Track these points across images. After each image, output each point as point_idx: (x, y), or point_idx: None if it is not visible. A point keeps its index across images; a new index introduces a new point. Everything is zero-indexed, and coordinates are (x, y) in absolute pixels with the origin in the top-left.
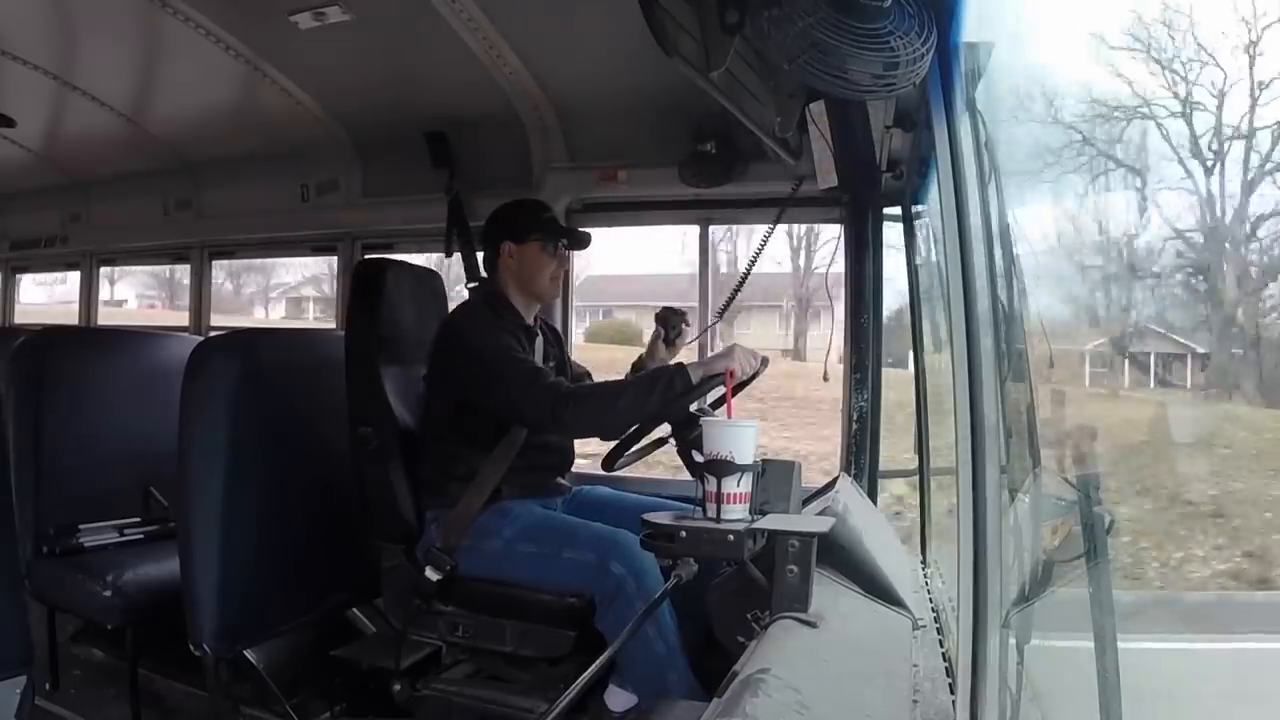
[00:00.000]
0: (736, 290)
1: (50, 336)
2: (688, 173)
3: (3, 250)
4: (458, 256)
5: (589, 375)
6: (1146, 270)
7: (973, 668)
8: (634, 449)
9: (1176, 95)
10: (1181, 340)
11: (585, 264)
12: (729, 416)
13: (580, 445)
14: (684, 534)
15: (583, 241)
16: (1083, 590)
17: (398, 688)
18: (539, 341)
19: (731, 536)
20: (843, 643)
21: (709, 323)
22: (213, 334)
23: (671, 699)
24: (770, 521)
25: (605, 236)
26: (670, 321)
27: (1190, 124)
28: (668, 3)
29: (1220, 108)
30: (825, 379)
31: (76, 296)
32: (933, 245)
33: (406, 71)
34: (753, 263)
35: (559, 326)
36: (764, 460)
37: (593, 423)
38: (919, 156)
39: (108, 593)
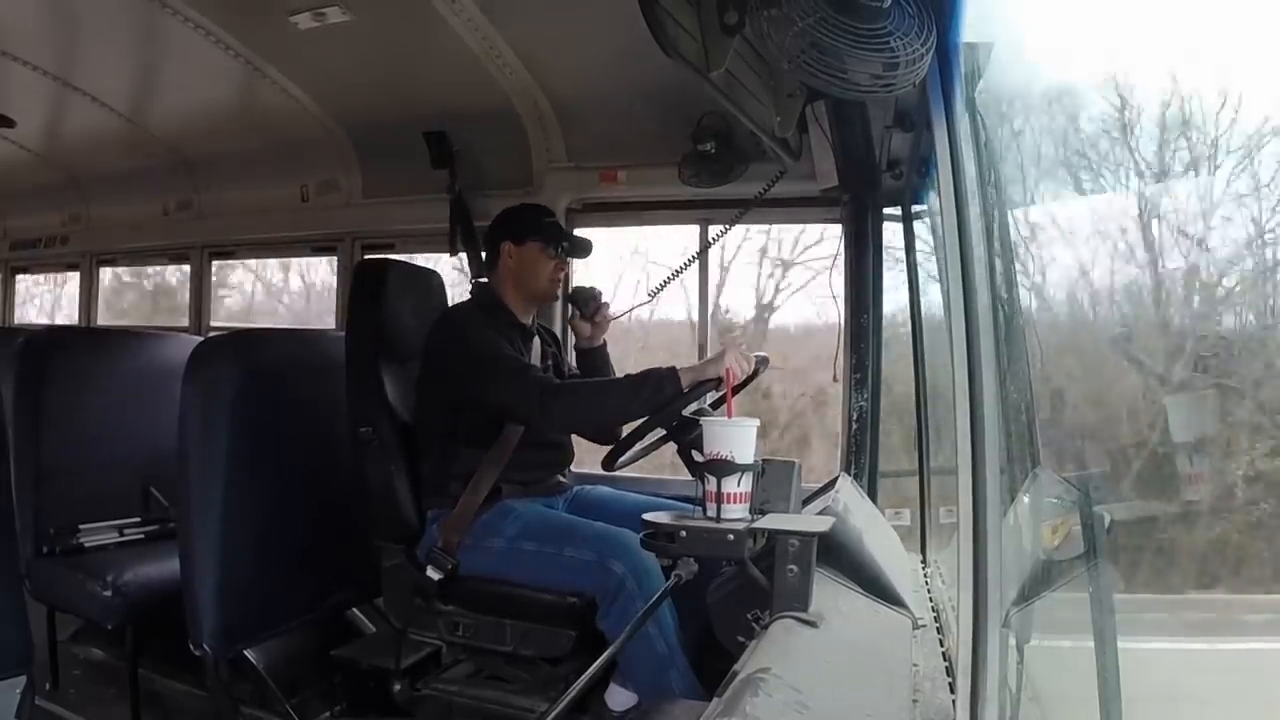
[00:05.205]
0: (675, 274)
1: (50, 336)
2: (687, 173)
3: (3, 250)
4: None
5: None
6: None
7: (973, 667)
8: (635, 448)
9: None
10: None
11: (584, 265)
12: (729, 416)
13: (582, 445)
14: (684, 534)
15: (582, 249)
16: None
17: (398, 687)
18: (535, 343)
19: (731, 536)
20: (843, 642)
21: (641, 301)
22: (213, 334)
23: (672, 698)
24: (770, 521)
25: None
26: (581, 299)
27: None
28: (668, 3)
29: None
30: (835, 379)
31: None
32: (933, 245)
33: (406, 71)
34: (698, 256)
35: (557, 331)
36: (764, 460)
37: (577, 416)
38: (919, 156)
39: (107, 592)
